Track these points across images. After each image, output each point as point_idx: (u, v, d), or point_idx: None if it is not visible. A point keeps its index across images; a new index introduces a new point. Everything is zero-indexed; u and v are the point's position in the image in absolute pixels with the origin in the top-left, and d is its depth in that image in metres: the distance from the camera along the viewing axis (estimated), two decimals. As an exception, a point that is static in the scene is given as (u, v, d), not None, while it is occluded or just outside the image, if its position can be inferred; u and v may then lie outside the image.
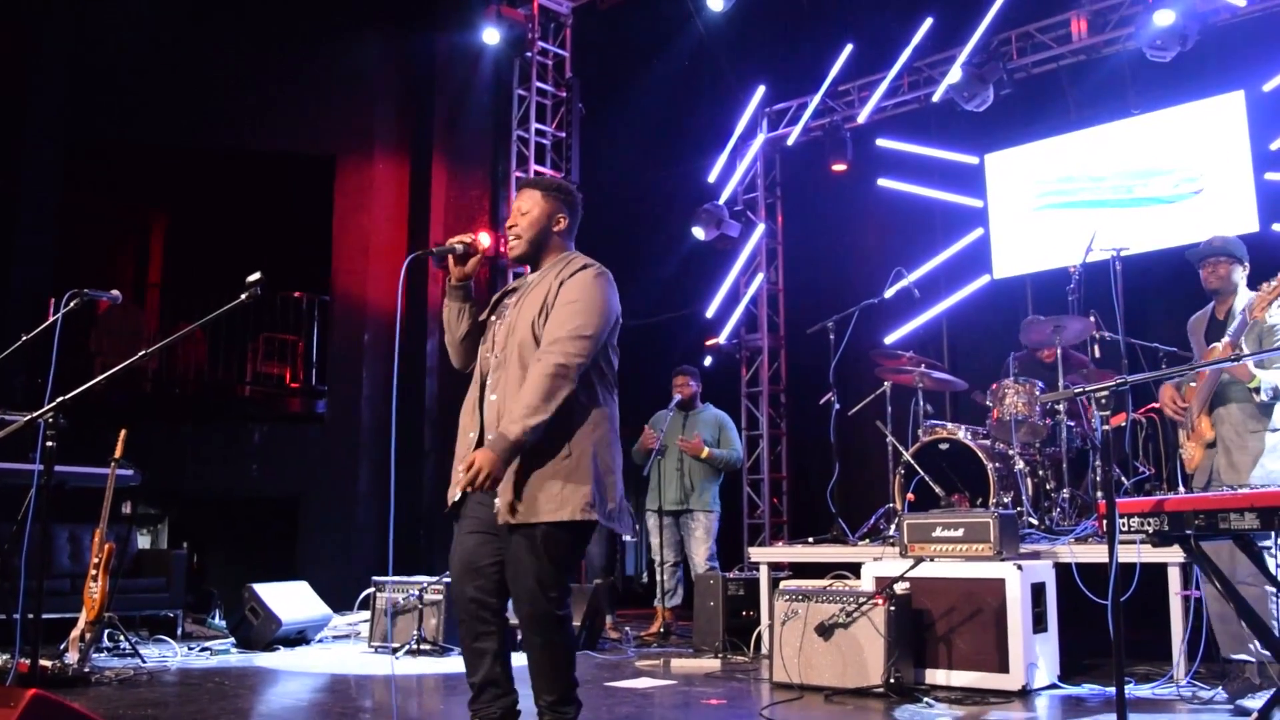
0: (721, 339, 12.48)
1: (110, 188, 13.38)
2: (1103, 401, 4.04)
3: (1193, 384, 5.64)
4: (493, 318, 4.11)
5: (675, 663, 7.21)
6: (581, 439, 3.81)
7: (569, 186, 4.22)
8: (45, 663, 5.97)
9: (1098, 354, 7.98)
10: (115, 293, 5.57)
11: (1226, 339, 5.53)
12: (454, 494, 3.93)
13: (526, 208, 4.09)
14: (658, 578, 8.74)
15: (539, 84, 12.40)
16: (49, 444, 4.38)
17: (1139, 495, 6.34)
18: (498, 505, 3.77)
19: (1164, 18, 9.31)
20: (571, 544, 3.81)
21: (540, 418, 3.66)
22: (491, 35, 11.92)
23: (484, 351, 4.05)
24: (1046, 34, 10.68)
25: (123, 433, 6.99)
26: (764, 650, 7.13)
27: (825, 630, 5.85)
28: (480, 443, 3.87)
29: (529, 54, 12.26)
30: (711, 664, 7.15)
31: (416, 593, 7.75)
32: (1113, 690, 3.98)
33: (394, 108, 12.87)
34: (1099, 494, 7.13)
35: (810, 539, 8.02)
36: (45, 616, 5.00)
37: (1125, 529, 4.10)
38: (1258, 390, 5.26)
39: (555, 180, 4.27)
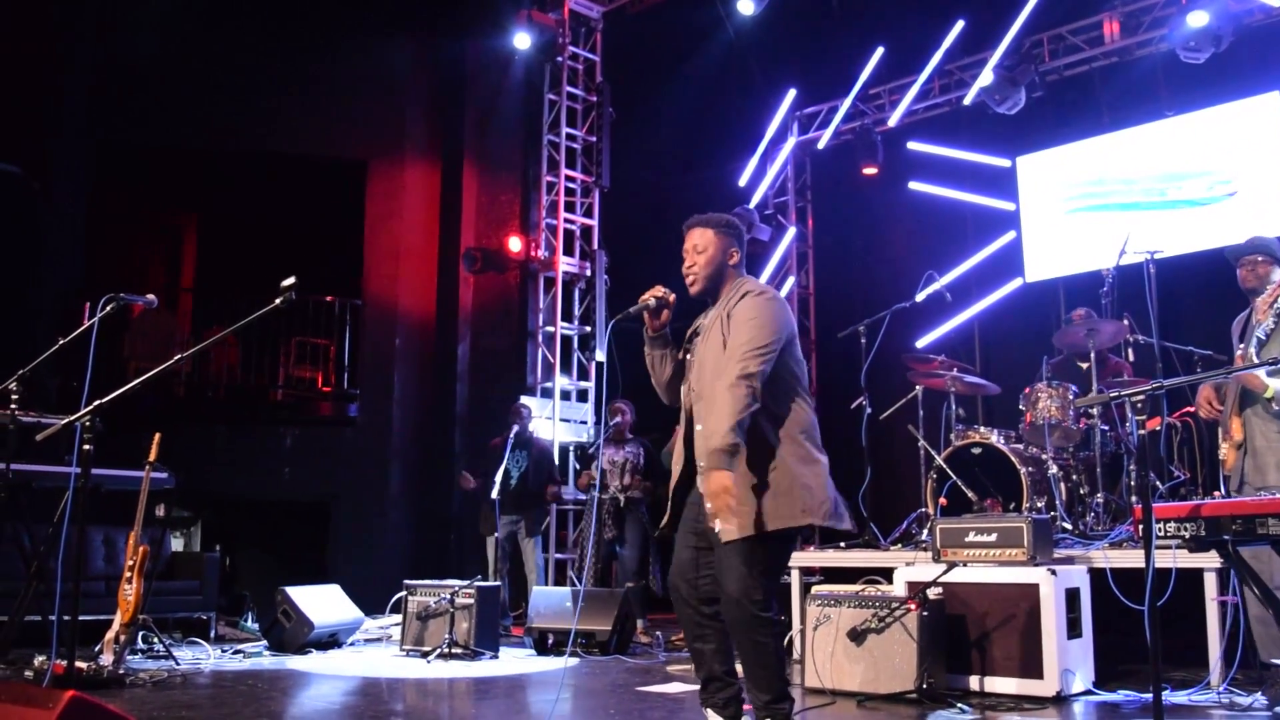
0: (752, 343, 12.42)
1: (142, 192, 13.49)
2: (1138, 406, 4.01)
3: (1231, 386, 5.61)
4: (689, 357, 4.40)
5: (706, 667, 7.17)
6: (784, 451, 4.12)
7: (735, 220, 4.45)
8: (80, 664, 6.00)
9: (1131, 357, 7.93)
10: (151, 297, 5.61)
11: (1239, 350, 5.51)
12: (668, 520, 4.41)
13: (703, 246, 4.35)
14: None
15: (569, 88, 12.43)
16: (85, 447, 4.42)
17: (1174, 500, 6.29)
18: (718, 527, 4.04)
19: (1197, 19, 9.26)
20: (771, 552, 4.11)
21: (732, 425, 3.93)
22: (522, 40, 11.97)
23: (685, 389, 4.37)
24: (1079, 36, 10.63)
25: (157, 436, 7.03)
26: (795, 655, 7.09)
27: (857, 635, 5.83)
28: (685, 473, 4.33)
29: (559, 58, 12.31)
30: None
31: (448, 596, 7.76)
32: (1149, 696, 3.95)
33: (425, 112, 12.92)
34: (1134, 498, 7.08)
35: (842, 544, 7.98)
36: (81, 618, 5.02)
37: (1162, 534, 4.07)
38: (1272, 400, 5.22)
39: (725, 216, 4.44)
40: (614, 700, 5.99)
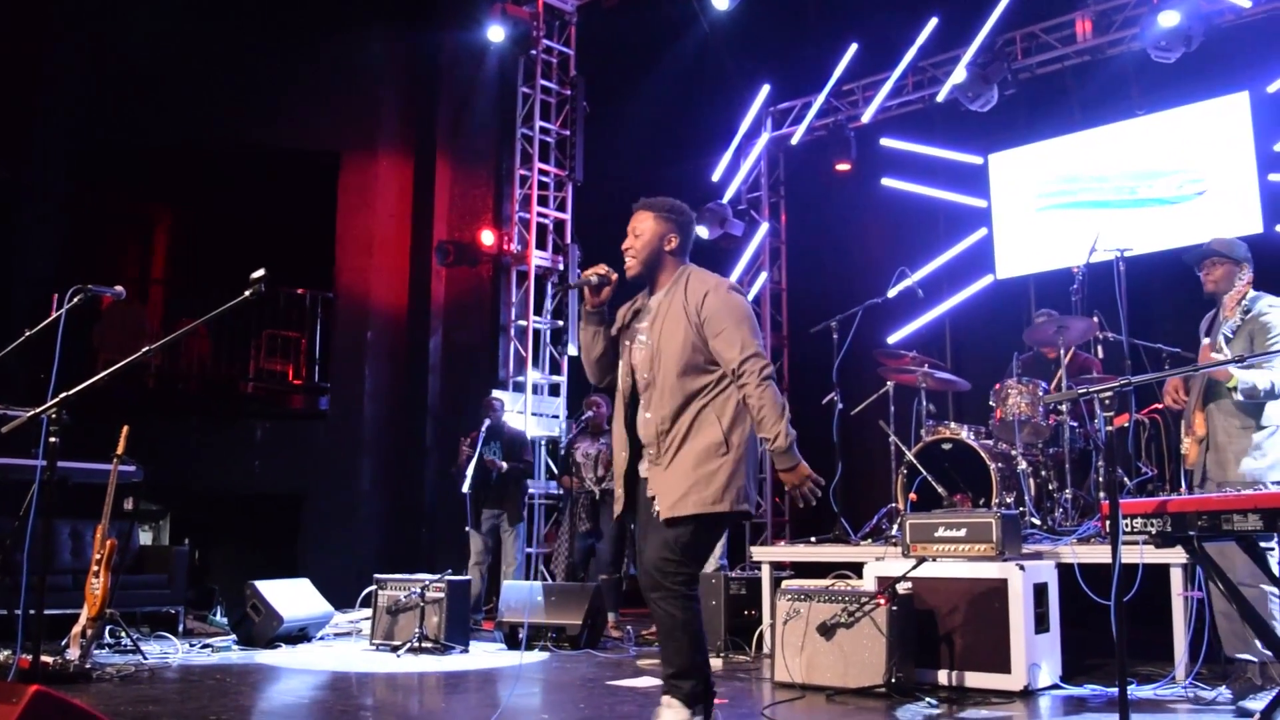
0: (724, 337, 12.44)
1: (115, 184, 13.37)
2: (1106, 402, 4.04)
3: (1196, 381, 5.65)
4: (626, 341, 4.46)
5: (677, 661, 7.18)
6: (735, 440, 4.24)
7: (681, 206, 4.53)
8: (47, 659, 5.97)
9: (1101, 354, 7.98)
10: (119, 288, 5.57)
11: (1205, 341, 5.56)
12: (617, 508, 4.50)
13: (640, 229, 4.45)
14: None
15: (544, 81, 12.41)
16: (52, 440, 4.38)
17: (1142, 496, 6.33)
18: (656, 507, 4.21)
19: (1169, 19, 9.31)
20: (698, 531, 4.18)
21: (784, 420, 4.18)
22: (496, 33, 11.93)
23: (624, 373, 4.41)
24: (1051, 34, 10.68)
25: (125, 429, 6.98)
26: (766, 650, 7.12)
27: (827, 630, 5.85)
28: (633, 462, 4.39)
29: (534, 51, 12.28)
30: (713, 663, 7.12)
31: (418, 590, 7.74)
32: (1115, 691, 3.98)
33: (398, 105, 12.87)
34: (1101, 494, 7.13)
35: (813, 538, 8.02)
36: (47, 612, 5.00)
37: (1128, 529, 4.10)
38: (1235, 389, 5.27)
39: (668, 201, 4.53)
40: (583, 694, 5.99)
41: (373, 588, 8.19)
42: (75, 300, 5.31)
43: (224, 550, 12.03)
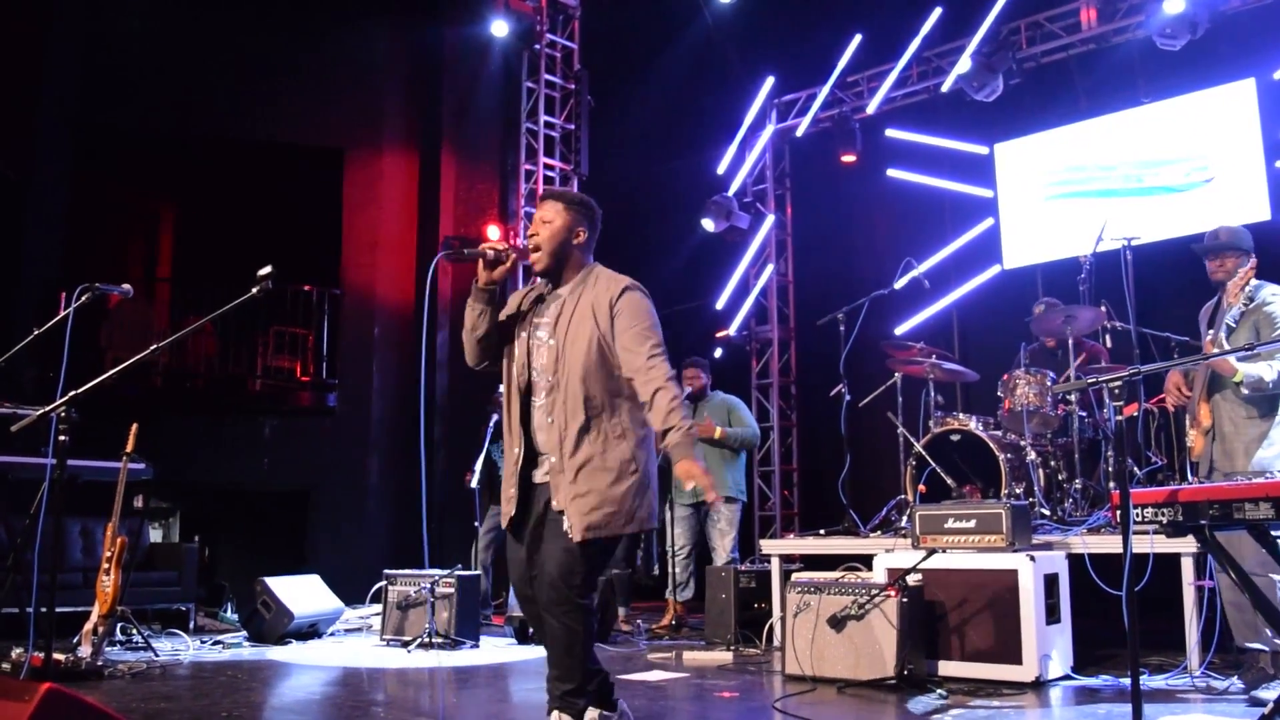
0: (731, 330, 12.48)
1: (119, 180, 13.39)
2: (1116, 391, 4.03)
3: (1200, 373, 5.64)
4: (521, 332, 4.29)
5: (687, 655, 7.20)
6: (640, 454, 4.09)
7: (592, 202, 4.36)
8: (58, 656, 5.97)
9: (1109, 344, 7.96)
10: (127, 287, 5.58)
11: (1209, 335, 5.54)
12: (508, 510, 4.18)
13: (549, 217, 4.26)
14: (670, 570, 8.73)
15: (548, 76, 12.41)
16: (61, 438, 4.39)
17: (1151, 485, 6.32)
18: (568, 524, 3.95)
19: (1174, 5, 9.29)
20: (606, 548, 4.06)
21: (682, 415, 3.90)
22: (500, 27, 11.93)
23: (519, 366, 4.23)
24: (1056, 23, 10.65)
25: (134, 427, 6.99)
26: (776, 642, 7.12)
27: (837, 622, 5.84)
28: (527, 461, 4.14)
29: (537, 46, 12.28)
30: (724, 656, 7.14)
31: (428, 586, 7.75)
32: (1127, 681, 3.97)
33: (402, 100, 12.88)
34: (1111, 484, 7.12)
35: (822, 531, 8.00)
36: (58, 610, 5.00)
37: (1139, 519, 4.08)
38: (1241, 384, 5.26)
39: (579, 194, 4.41)
40: (595, 688, 5.98)
41: (383, 583, 8.19)
42: (83, 299, 5.32)
43: (233, 547, 12.04)
